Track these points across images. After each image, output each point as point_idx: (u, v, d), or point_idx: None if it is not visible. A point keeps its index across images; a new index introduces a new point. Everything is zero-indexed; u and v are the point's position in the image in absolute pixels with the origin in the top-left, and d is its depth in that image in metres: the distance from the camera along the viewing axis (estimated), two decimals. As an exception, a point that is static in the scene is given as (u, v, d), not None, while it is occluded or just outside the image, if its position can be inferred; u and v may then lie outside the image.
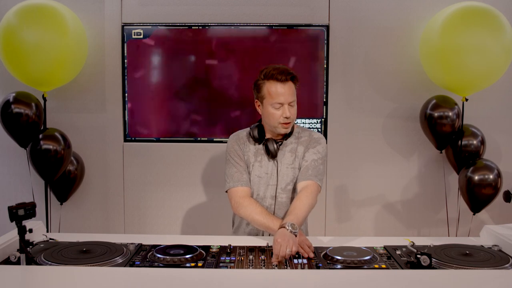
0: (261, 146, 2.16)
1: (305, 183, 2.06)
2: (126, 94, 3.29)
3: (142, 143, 3.33)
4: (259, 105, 2.14)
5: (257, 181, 2.14)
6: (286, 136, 2.15)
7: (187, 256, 1.67)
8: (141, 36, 3.25)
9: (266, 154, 2.14)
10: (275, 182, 2.13)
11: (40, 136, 3.00)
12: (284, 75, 2.03)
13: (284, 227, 1.78)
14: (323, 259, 1.70)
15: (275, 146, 2.10)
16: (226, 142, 2.24)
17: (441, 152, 3.21)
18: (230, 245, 1.81)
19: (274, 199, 2.13)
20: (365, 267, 1.63)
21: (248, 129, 2.21)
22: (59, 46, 2.85)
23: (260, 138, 2.14)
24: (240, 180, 2.11)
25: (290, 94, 2.05)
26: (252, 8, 3.23)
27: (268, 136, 2.16)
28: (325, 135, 3.30)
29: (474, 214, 3.16)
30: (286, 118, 2.04)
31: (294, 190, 2.15)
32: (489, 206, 3.10)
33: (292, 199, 2.14)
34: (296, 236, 1.76)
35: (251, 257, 1.70)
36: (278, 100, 2.04)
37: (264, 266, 1.65)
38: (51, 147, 2.98)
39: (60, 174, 3.06)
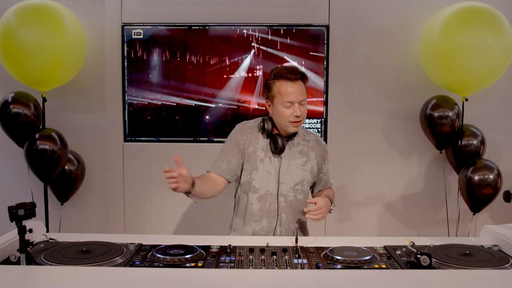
0: (268, 141, 2.16)
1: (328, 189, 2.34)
2: (126, 94, 3.29)
3: (142, 143, 3.33)
4: (269, 105, 2.15)
5: (266, 177, 2.15)
6: (292, 135, 2.16)
7: (187, 256, 1.67)
8: (141, 36, 3.25)
9: (273, 149, 2.14)
10: (284, 180, 2.15)
11: (36, 136, 2.98)
12: (294, 74, 2.06)
13: (331, 202, 2.17)
14: (323, 259, 1.70)
15: (284, 142, 2.11)
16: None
17: (441, 152, 3.21)
18: (230, 245, 1.81)
19: (284, 196, 2.15)
20: (365, 267, 1.62)
21: (257, 120, 2.22)
22: (57, 46, 2.85)
23: (272, 131, 2.15)
24: (219, 167, 2.15)
25: (300, 93, 2.07)
26: (252, 8, 3.23)
27: (275, 132, 2.17)
28: (325, 135, 3.30)
29: (474, 214, 3.16)
30: (297, 116, 2.06)
31: (301, 191, 2.18)
32: (489, 206, 3.10)
33: (299, 200, 2.18)
34: (330, 212, 2.15)
35: (251, 257, 1.70)
36: (288, 98, 2.05)
37: (264, 266, 1.65)
38: (47, 147, 2.96)
39: (57, 174, 3.06)
